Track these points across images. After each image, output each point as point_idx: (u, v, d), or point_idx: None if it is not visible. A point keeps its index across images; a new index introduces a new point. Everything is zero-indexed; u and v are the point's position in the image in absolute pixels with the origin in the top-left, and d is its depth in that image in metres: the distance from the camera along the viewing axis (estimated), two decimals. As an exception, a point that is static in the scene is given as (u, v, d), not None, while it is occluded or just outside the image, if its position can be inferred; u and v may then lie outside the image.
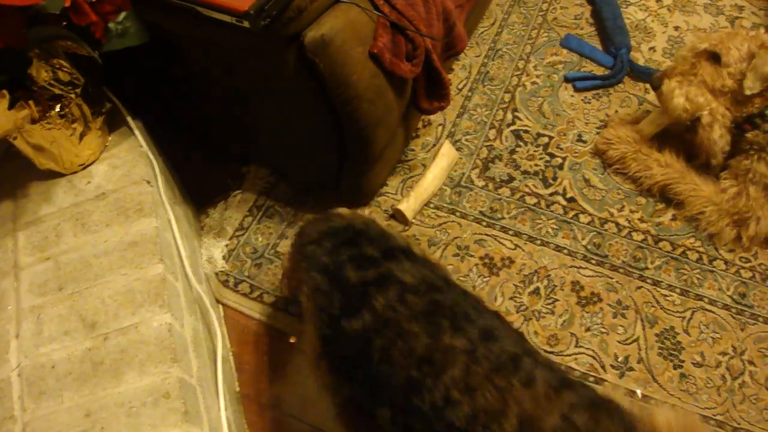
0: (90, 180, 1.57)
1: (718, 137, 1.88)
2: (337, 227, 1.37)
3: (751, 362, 1.72)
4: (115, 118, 1.67)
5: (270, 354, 1.71)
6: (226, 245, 1.87)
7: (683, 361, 1.72)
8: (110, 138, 1.65)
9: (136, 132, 1.65)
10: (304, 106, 1.59)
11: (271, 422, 1.62)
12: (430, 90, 1.76)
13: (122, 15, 1.48)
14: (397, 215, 1.91)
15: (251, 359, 1.71)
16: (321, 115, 1.58)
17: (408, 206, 1.89)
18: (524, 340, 1.27)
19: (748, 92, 1.81)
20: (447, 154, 2.00)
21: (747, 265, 1.89)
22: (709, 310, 1.80)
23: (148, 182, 1.54)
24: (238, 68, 1.60)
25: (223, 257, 1.84)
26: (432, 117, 2.15)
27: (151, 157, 1.61)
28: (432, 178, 1.95)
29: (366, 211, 1.61)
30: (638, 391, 1.67)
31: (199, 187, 1.96)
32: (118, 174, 1.57)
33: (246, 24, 1.29)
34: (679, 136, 2.03)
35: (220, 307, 1.77)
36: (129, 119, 1.66)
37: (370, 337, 1.18)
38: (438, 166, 1.97)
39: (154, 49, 1.55)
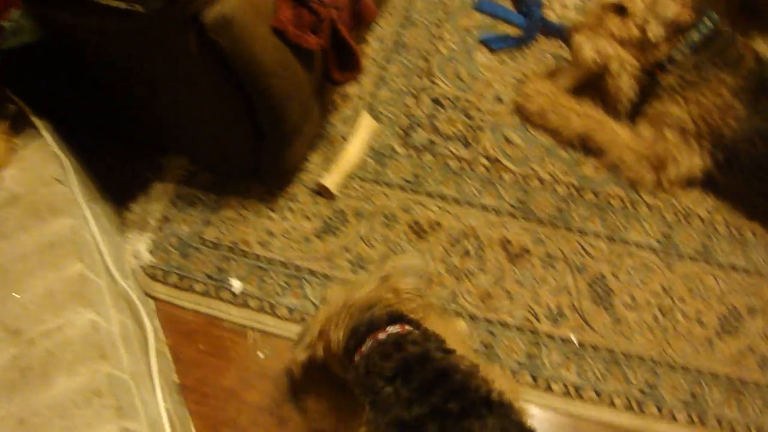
0: (0, 185, 1.52)
1: (625, 85, 1.93)
2: (411, 359, 1.22)
3: (681, 299, 1.77)
4: (21, 120, 1.62)
5: (206, 342, 1.70)
6: (151, 238, 1.83)
7: (615, 305, 1.75)
8: (18, 141, 1.60)
9: (44, 132, 1.60)
10: (212, 88, 1.56)
11: (214, 410, 1.61)
12: (342, 61, 1.75)
13: (17, 13, 1.44)
14: (322, 190, 1.90)
15: (188, 350, 1.69)
16: (230, 95, 1.56)
17: (332, 180, 1.88)
18: None
19: (653, 39, 1.85)
20: (367, 125, 2.00)
21: (670, 207, 1.94)
22: (636, 254, 1.84)
23: (60, 181, 1.51)
24: (139, 56, 1.56)
25: (149, 251, 1.81)
26: (350, 89, 2.13)
27: (61, 155, 1.57)
28: (353, 150, 1.95)
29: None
30: (573, 338, 1.70)
31: (117, 183, 1.91)
32: (29, 176, 1.52)
33: (139, 8, 1.26)
34: (594, 86, 2.06)
35: (151, 300, 1.74)
36: (35, 119, 1.61)
37: None
38: (358, 137, 1.97)
39: (54, 44, 1.51)
